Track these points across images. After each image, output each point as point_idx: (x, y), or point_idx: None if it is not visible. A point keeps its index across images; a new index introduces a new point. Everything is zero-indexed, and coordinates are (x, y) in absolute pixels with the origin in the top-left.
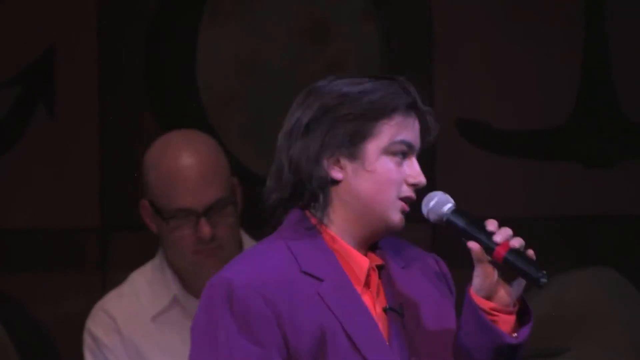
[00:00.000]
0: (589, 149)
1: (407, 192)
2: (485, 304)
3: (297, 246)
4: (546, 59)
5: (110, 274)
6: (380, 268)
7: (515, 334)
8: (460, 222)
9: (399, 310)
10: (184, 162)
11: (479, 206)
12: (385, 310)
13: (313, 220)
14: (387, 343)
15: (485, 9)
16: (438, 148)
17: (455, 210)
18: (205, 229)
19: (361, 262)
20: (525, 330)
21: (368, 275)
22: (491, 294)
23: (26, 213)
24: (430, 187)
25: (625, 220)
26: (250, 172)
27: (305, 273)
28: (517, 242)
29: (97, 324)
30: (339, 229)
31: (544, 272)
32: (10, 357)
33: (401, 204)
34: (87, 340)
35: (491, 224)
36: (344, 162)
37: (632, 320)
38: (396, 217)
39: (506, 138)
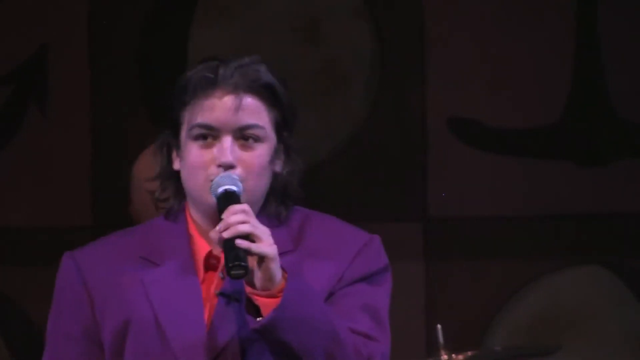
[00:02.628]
0: (581, 147)
1: (216, 173)
2: (247, 289)
3: (157, 230)
4: (538, 58)
5: None
6: None
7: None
8: (219, 205)
9: (233, 295)
10: None
11: (470, 205)
12: (217, 294)
13: (185, 206)
14: (207, 329)
15: (477, 9)
16: (430, 146)
17: (225, 193)
18: None
19: (201, 246)
20: (271, 315)
21: (208, 259)
22: (249, 278)
23: (18, 211)
24: (423, 185)
25: (618, 219)
26: None
27: (142, 258)
28: (229, 232)
29: None
30: (193, 214)
31: (238, 263)
32: (2, 355)
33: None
34: None
35: (229, 211)
36: (176, 153)
37: (624, 318)
38: (211, 199)
39: (498, 137)
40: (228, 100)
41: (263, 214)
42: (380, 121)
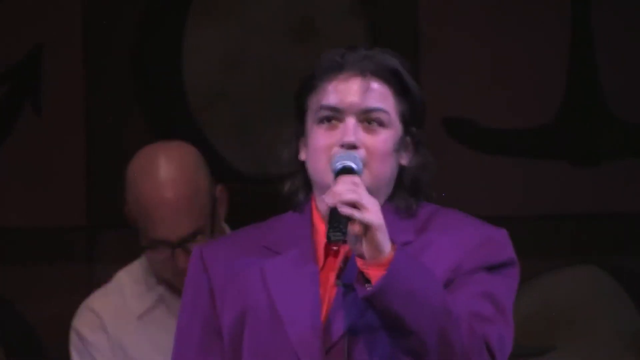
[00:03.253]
0: (577, 147)
1: (339, 153)
2: (358, 261)
3: (280, 221)
4: (533, 58)
5: (96, 272)
6: None
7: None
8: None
9: (350, 285)
10: (162, 196)
11: (465, 205)
12: (336, 284)
13: (312, 197)
14: (323, 319)
15: (472, 9)
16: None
17: (342, 169)
18: (181, 260)
19: (323, 235)
20: (379, 283)
21: (328, 247)
22: (359, 249)
23: (13, 211)
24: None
25: (614, 219)
26: (236, 170)
27: (265, 247)
28: (334, 199)
29: (83, 323)
30: (318, 203)
31: (337, 229)
32: None
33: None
34: (73, 338)
35: (336, 182)
36: (302, 142)
37: (619, 318)
38: (332, 178)
39: (493, 137)
40: (354, 82)
41: (389, 205)
42: None
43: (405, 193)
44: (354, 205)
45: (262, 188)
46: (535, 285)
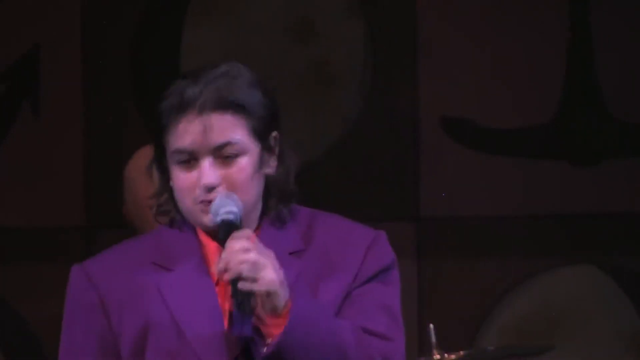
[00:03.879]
0: (575, 147)
1: (202, 196)
2: (255, 319)
3: (168, 236)
4: (532, 57)
5: None
6: None
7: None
8: (220, 236)
9: (248, 318)
10: None
11: (463, 204)
12: (231, 333)
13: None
14: (226, 332)
15: (470, 8)
16: (422, 146)
17: (222, 223)
18: None
19: (211, 249)
20: (277, 341)
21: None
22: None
23: (11, 211)
24: (415, 185)
25: (611, 218)
26: None
27: (155, 264)
28: (229, 275)
29: None
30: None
31: (244, 310)
32: None
33: (201, 206)
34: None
35: (226, 248)
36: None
37: (617, 317)
38: (204, 219)
39: (491, 136)
40: (197, 122)
41: (266, 218)
42: (372, 121)
43: (275, 201)
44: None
45: None
46: (534, 285)
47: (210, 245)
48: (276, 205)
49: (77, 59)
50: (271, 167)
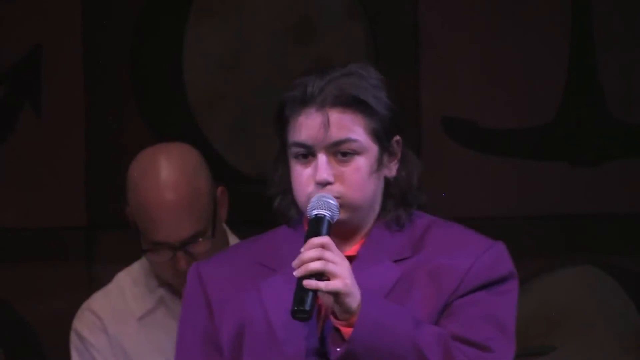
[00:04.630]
0: (576, 147)
1: (315, 191)
2: (331, 318)
3: (280, 236)
4: (533, 58)
5: (96, 273)
6: (350, 259)
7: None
8: (307, 231)
9: (303, 316)
10: (163, 198)
11: (464, 205)
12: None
13: (304, 215)
14: (319, 335)
15: (472, 9)
16: (424, 146)
17: (313, 219)
18: (182, 263)
19: None
20: (344, 347)
21: None
22: (330, 308)
23: (12, 211)
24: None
25: (612, 219)
26: (236, 170)
27: (261, 264)
28: (300, 271)
29: (83, 324)
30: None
31: (301, 307)
32: None
33: None
34: (73, 339)
35: (306, 245)
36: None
37: (617, 318)
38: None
39: (492, 137)
40: (317, 117)
41: (381, 220)
42: None
43: (394, 205)
44: (322, 274)
45: (262, 188)
46: (534, 285)
47: None
48: (393, 209)
49: (79, 60)
50: (391, 170)
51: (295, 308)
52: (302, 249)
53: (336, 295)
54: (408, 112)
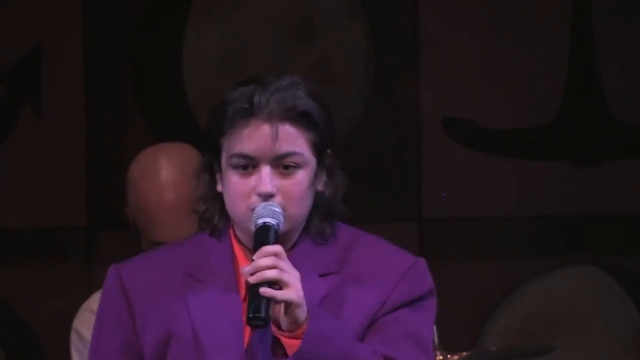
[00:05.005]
0: (576, 148)
1: (257, 202)
2: (273, 329)
3: (201, 247)
4: (533, 58)
5: (96, 273)
6: None
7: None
8: (255, 238)
9: (260, 323)
10: (164, 199)
11: (465, 205)
12: (247, 323)
13: (229, 225)
14: (245, 350)
15: (472, 9)
16: (424, 147)
17: (262, 227)
18: None
19: (245, 264)
20: (294, 356)
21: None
22: (275, 318)
23: (13, 212)
24: (417, 185)
25: (612, 219)
26: None
27: (187, 274)
28: (256, 277)
29: (84, 324)
30: (238, 233)
31: (257, 315)
32: None
33: (252, 214)
34: (74, 339)
35: (260, 252)
36: (219, 175)
37: (617, 318)
38: (253, 228)
39: (492, 137)
40: (264, 129)
41: (307, 233)
42: (374, 121)
43: (319, 218)
44: (275, 283)
45: None
46: (534, 285)
47: (244, 260)
48: (320, 223)
49: (79, 59)
50: (321, 184)
51: (252, 315)
52: (254, 257)
53: (288, 305)
54: (408, 113)
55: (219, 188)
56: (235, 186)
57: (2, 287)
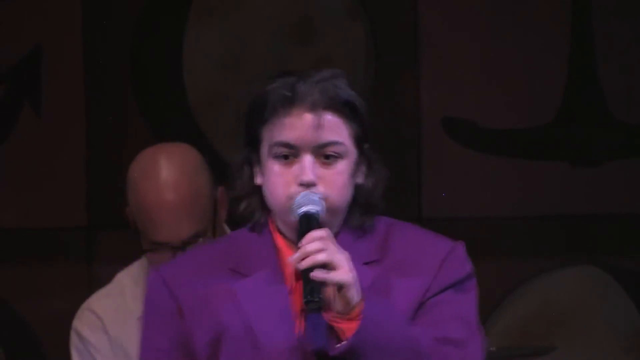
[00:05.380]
0: (576, 148)
1: (298, 192)
2: (326, 315)
3: (245, 241)
4: (533, 58)
5: (96, 273)
6: None
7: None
8: (299, 228)
9: (317, 306)
10: (163, 199)
11: (465, 205)
12: (302, 310)
13: (269, 219)
14: (299, 340)
15: (472, 9)
16: (424, 147)
17: (305, 215)
18: None
19: (289, 255)
20: (349, 342)
21: (297, 273)
22: (328, 302)
23: (13, 212)
24: (417, 185)
25: (611, 219)
26: None
27: (232, 269)
28: (306, 262)
29: (84, 324)
30: (279, 225)
31: (313, 299)
32: None
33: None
34: (74, 339)
35: (306, 238)
36: (258, 168)
37: (617, 318)
38: (293, 218)
39: (492, 137)
40: (307, 118)
41: (346, 225)
42: (373, 121)
43: (359, 211)
44: (326, 266)
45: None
46: (535, 285)
47: (287, 251)
48: (359, 216)
49: (79, 60)
50: (361, 177)
51: (306, 300)
52: (300, 244)
53: (341, 287)
54: (408, 113)
55: (258, 181)
56: (277, 176)
57: (2, 287)
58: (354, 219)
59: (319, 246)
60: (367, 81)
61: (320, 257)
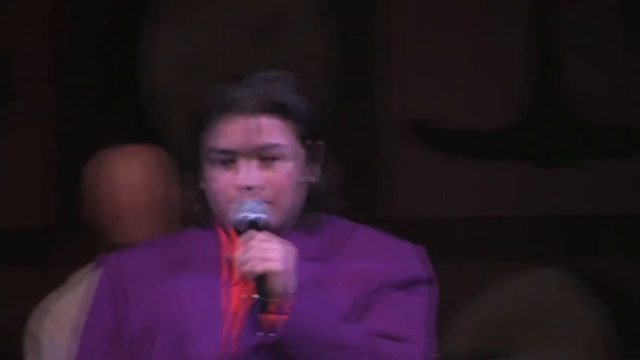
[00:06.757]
0: (542, 149)
1: (240, 196)
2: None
3: (190, 236)
4: (501, 59)
5: (68, 275)
6: None
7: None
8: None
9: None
10: (123, 200)
11: (434, 208)
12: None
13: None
14: (230, 334)
15: (440, 11)
16: (392, 150)
17: (249, 223)
18: None
19: (229, 252)
20: (277, 334)
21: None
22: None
23: None
24: (387, 189)
25: (578, 220)
26: None
27: (175, 261)
28: (244, 267)
29: (38, 325)
30: (223, 222)
31: (253, 296)
32: None
33: (234, 205)
34: (28, 342)
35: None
36: (200, 172)
37: (583, 320)
38: (232, 215)
39: (458, 138)
40: (245, 123)
41: (299, 224)
42: (343, 124)
43: (312, 209)
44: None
45: None
46: (502, 286)
47: (228, 247)
48: (313, 214)
49: (49, 62)
50: (315, 176)
51: (255, 296)
52: (237, 250)
53: (270, 275)
54: (377, 115)
55: (202, 185)
56: (217, 182)
57: None
58: (307, 217)
59: (255, 254)
60: (337, 84)
61: (258, 269)
